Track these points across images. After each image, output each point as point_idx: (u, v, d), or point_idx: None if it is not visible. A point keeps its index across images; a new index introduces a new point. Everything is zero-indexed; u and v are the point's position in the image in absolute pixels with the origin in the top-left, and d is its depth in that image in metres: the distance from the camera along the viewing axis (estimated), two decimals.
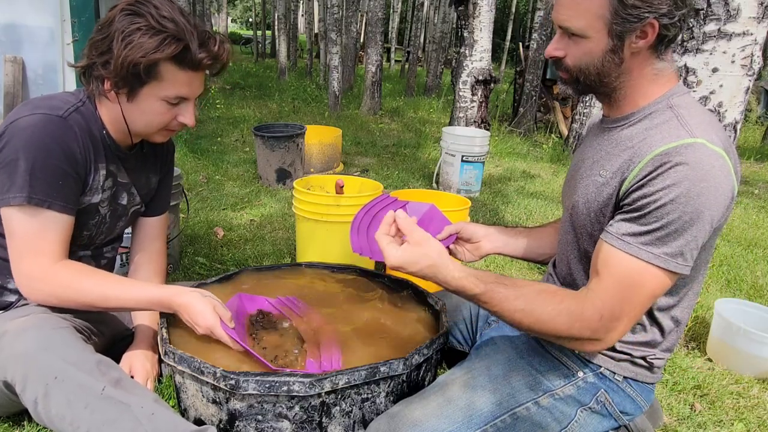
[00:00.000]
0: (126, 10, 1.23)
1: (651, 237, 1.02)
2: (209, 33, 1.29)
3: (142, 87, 1.27)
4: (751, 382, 1.91)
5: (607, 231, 1.08)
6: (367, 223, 1.64)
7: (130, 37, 1.21)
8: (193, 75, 1.29)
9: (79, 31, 4.54)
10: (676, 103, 1.10)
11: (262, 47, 18.63)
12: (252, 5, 26.22)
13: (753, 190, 4.92)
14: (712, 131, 1.04)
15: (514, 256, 1.54)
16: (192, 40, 1.24)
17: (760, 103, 10.12)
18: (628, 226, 1.05)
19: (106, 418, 1.12)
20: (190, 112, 1.35)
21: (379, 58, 8.02)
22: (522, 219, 3.68)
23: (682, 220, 0.99)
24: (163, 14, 1.22)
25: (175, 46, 1.22)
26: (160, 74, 1.25)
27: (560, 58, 1.14)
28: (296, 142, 4.02)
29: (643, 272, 1.03)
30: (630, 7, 1.02)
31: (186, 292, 1.32)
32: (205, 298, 1.31)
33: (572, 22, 1.08)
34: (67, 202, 1.27)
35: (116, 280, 1.35)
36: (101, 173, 1.38)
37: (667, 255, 1.02)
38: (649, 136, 1.07)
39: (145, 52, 1.20)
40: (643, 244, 1.02)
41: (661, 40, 1.07)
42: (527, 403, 1.18)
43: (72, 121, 1.28)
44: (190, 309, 1.29)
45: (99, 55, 1.24)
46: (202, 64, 1.27)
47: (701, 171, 0.98)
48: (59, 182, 1.24)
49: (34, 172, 1.21)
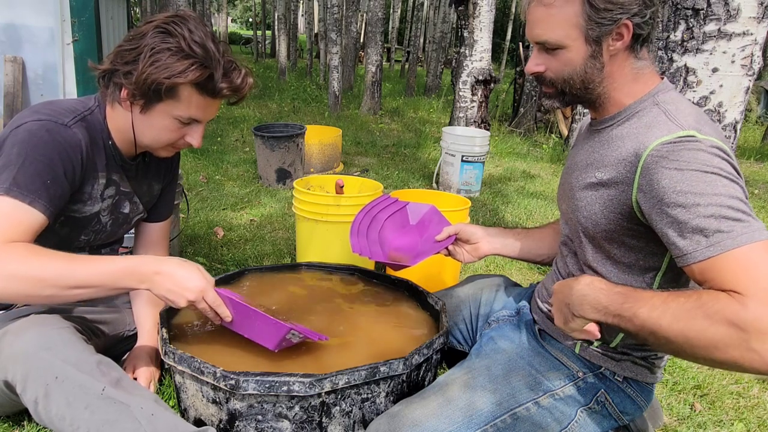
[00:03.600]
0: (160, 27, 1.23)
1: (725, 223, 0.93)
2: (236, 64, 1.30)
3: (158, 103, 1.27)
4: (751, 382, 1.91)
5: (689, 254, 0.96)
6: (367, 224, 1.65)
7: (157, 56, 1.21)
8: (210, 101, 1.30)
9: (79, 31, 4.55)
10: (661, 99, 1.11)
11: (262, 47, 18.63)
12: (252, 5, 26.21)
13: (753, 190, 4.92)
14: (701, 123, 1.04)
15: (513, 257, 1.55)
16: (217, 69, 1.25)
17: (760, 103, 10.12)
18: (693, 232, 0.95)
19: (106, 419, 1.12)
20: (198, 134, 1.35)
21: (379, 58, 8.02)
22: (522, 219, 3.68)
23: (724, 192, 0.94)
24: (195, 39, 1.22)
25: (200, 74, 1.23)
26: (178, 95, 1.26)
27: (541, 72, 1.15)
28: (296, 142, 4.02)
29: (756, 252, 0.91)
30: (602, 10, 1.05)
31: (161, 259, 1.22)
32: (186, 262, 1.24)
33: (548, 35, 1.10)
34: (50, 204, 1.22)
35: (74, 256, 1.19)
36: (101, 182, 1.37)
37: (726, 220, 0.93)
38: (641, 135, 1.07)
39: (170, 74, 1.21)
40: (728, 232, 0.92)
41: (636, 39, 1.09)
42: (527, 404, 1.18)
43: (77, 130, 1.27)
44: (175, 276, 1.18)
45: (124, 64, 1.24)
46: (222, 93, 1.28)
47: (703, 153, 0.97)
48: (47, 181, 1.22)
49: (24, 167, 1.19)
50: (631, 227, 1.10)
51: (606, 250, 1.17)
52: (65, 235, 1.37)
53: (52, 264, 1.14)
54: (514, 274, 2.72)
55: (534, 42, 1.14)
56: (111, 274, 1.17)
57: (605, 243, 1.16)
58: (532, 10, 1.12)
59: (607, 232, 1.14)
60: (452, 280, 2.34)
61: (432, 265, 1.98)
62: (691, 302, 0.90)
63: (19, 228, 1.17)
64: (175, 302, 1.20)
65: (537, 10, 1.11)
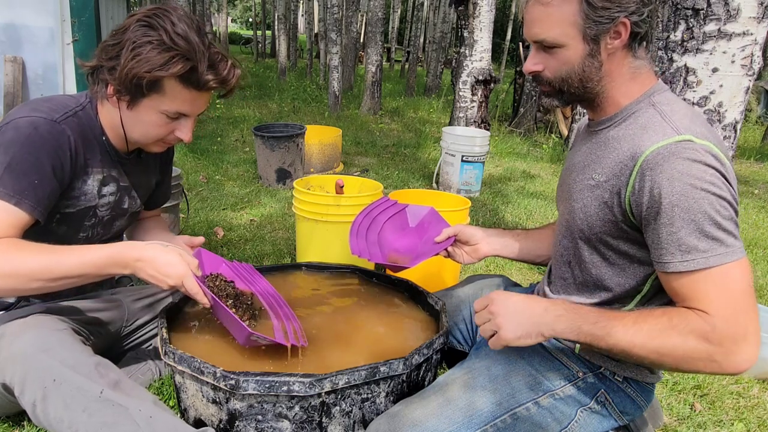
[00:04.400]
0: (142, 21, 1.22)
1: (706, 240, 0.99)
2: (222, 55, 1.29)
3: (143, 98, 1.26)
4: (751, 382, 1.91)
5: (663, 262, 1.03)
6: (366, 226, 1.65)
7: (139, 50, 1.20)
8: (197, 94, 1.28)
9: (79, 31, 4.55)
10: (657, 100, 1.11)
11: (262, 47, 18.63)
12: (252, 5, 26.22)
13: (753, 190, 4.92)
14: (697, 126, 1.04)
15: (513, 258, 1.55)
16: (201, 61, 1.23)
17: (760, 103, 10.12)
18: (671, 244, 1.01)
19: (104, 421, 1.12)
20: (188, 129, 1.34)
21: (379, 58, 8.02)
22: (522, 219, 3.68)
23: (711, 208, 0.98)
24: (178, 31, 1.21)
25: (182, 66, 1.21)
26: (162, 89, 1.25)
27: (539, 72, 1.15)
28: (296, 142, 4.02)
29: (728, 273, 0.99)
30: (600, 9, 1.05)
31: (142, 245, 1.22)
32: (168, 247, 1.23)
33: (546, 33, 1.10)
34: (38, 204, 1.22)
35: (57, 248, 1.20)
36: (96, 178, 1.37)
37: (715, 242, 0.99)
38: (637, 137, 1.07)
39: (151, 68, 1.20)
40: (704, 251, 0.99)
41: (634, 38, 1.09)
42: (527, 403, 1.18)
43: (66, 126, 1.26)
44: (156, 262, 1.19)
45: (107, 59, 1.24)
46: (208, 85, 1.26)
47: (697, 165, 0.98)
48: (35, 181, 1.21)
49: (11, 167, 1.18)
50: (625, 230, 1.11)
51: (601, 252, 1.17)
52: (63, 234, 1.37)
53: (36, 258, 1.15)
54: (514, 274, 2.72)
55: (532, 41, 1.14)
56: (94, 262, 1.18)
57: (600, 245, 1.16)
58: (530, 9, 1.12)
59: (602, 234, 1.14)
60: (452, 280, 2.34)
61: (432, 265, 1.98)
62: (663, 323, 1.01)
63: (2, 227, 1.18)
64: (158, 287, 1.23)
65: (535, 8, 1.11)
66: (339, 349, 1.33)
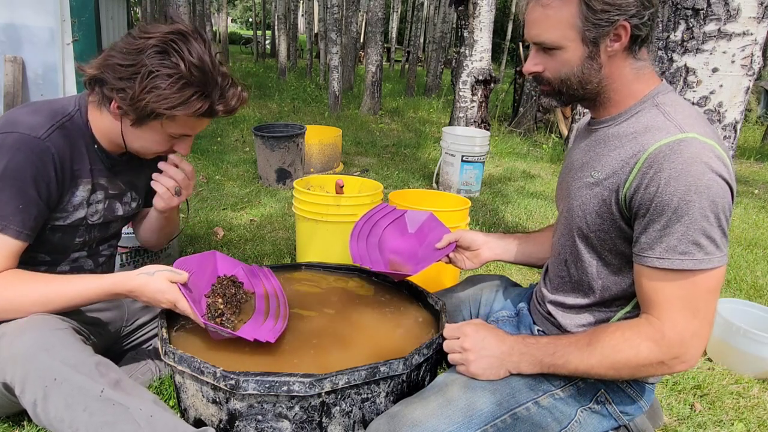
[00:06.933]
0: (158, 47, 1.21)
1: (683, 243, 1.00)
2: (232, 81, 1.30)
3: (152, 121, 1.28)
4: (751, 382, 1.91)
5: (641, 255, 1.06)
6: (367, 232, 1.64)
7: (156, 81, 1.20)
8: (205, 120, 1.33)
9: (79, 31, 4.54)
10: (661, 101, 1.11)
11: (262, 47, 18.64)
12: (252, 5, 26.22)
13: (753, 190, 4.92)
14: (701, 125, 1.05)
15: (514, 262, 1.55)
16: (214, 91, 1.26)
17: (760, 103, 10.12)
18: (654, 240, 1.03)
19: (105, 421, 1.12)
20: (188, 145, 1.40)
21: (379, 58, 8.02)
22: (522, 219, 3.68)
23: (701, 214, 0.99)
24: (194, 61, 1.21)
25: (200, 106, 1.24)
26: (174, 119, 1.27)
27: (539, 72, 1.16)
28: (296, 142, 4.02)
29: (695, 278, 1.02)
30: (599, 12, 1.05)
31: (133, 276, 1.27)
32: (155, 275, 1.26)
33: (545, 35, 1.10)
34: (23, 228, 1.23)
35: (55, 278, 1.28)
36: (85, 188, 1.37)
37: (702, 253, 1.01)
38: (639, 135, 1.07)
39: (170, 106, 1.21)
40: (682, 254, 1.01)
41: (634, 40, 1.09)
42: (527, 403, 1.18)
43: (50, 143, 1.25)
44: (146, 291, 1.25)
45: (117, 79, 1.23)
46: (217, 114, 1.30)
47: (697, 166, 0.98)
48: (19, 206, 1.21)
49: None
50: (623, 228, 1.11)
51: (597, 252, 1.17)
52: (59, 240, 1.38)
53: (35, 290, 1.24)
54: (514, 275, 2.72)
55: (532, 42, 1.14)
56: (89, 296, 1.27)
57: (597, 244, 1.16)
58: (529, 11, 1.12)
59: (600, 232, 1.14)
60: (452, 281, 2.34)
61: (431, 267, 1.98)
62: (616, 338, 1.07)
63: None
64: (156, 305, 1.30)
65: (534, 10, 1.11)
66: (339, 349, 1.34)
